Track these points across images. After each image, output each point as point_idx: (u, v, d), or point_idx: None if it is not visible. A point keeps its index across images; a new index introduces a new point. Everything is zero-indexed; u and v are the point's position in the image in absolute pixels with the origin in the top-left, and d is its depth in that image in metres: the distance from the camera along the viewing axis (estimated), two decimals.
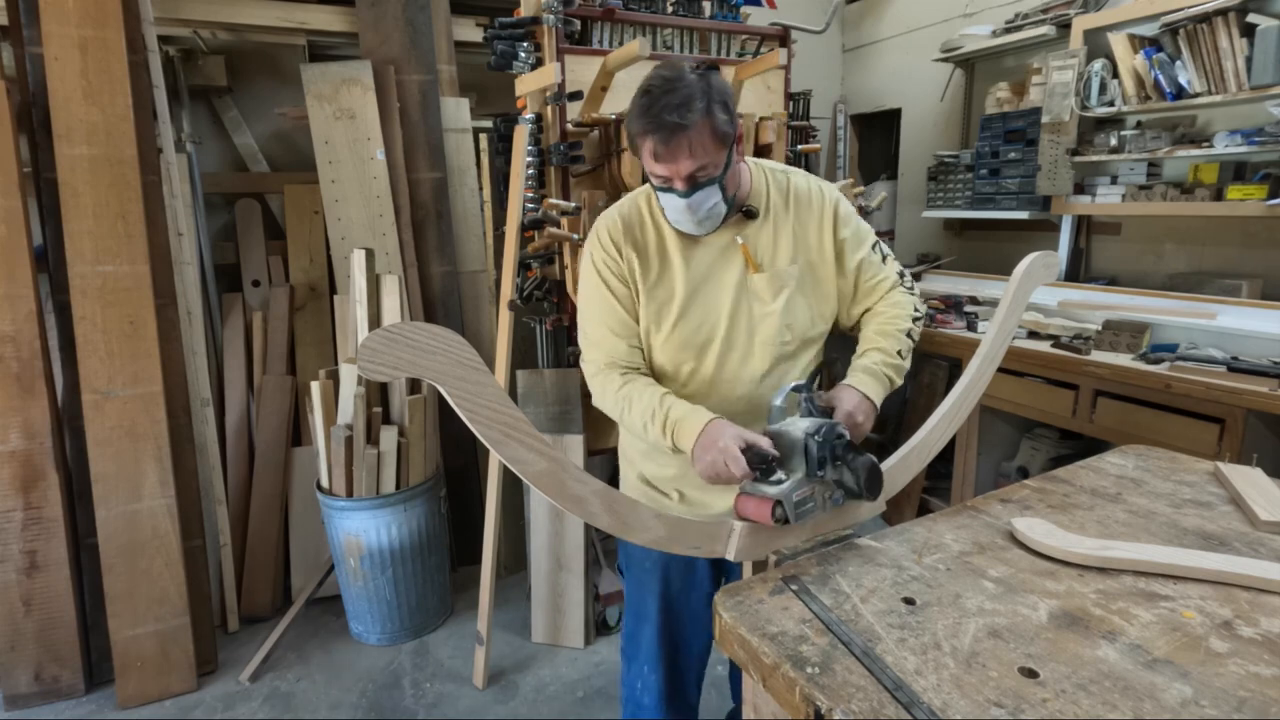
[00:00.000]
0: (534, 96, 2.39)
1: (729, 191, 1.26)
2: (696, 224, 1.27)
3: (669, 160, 1.19)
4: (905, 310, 1.36)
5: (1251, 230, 2.78)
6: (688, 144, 1.16)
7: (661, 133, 1.16)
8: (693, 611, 1.57)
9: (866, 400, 1.26)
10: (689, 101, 1.15)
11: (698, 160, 1.18)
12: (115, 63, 2.23)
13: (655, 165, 1.21)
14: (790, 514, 1.04)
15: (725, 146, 1.20)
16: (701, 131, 1.16)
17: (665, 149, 1.17)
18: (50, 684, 2.29)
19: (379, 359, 0.78)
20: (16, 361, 2.19)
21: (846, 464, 1.10)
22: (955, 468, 3.01)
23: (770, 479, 1.08)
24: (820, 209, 1.36)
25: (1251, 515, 1.03)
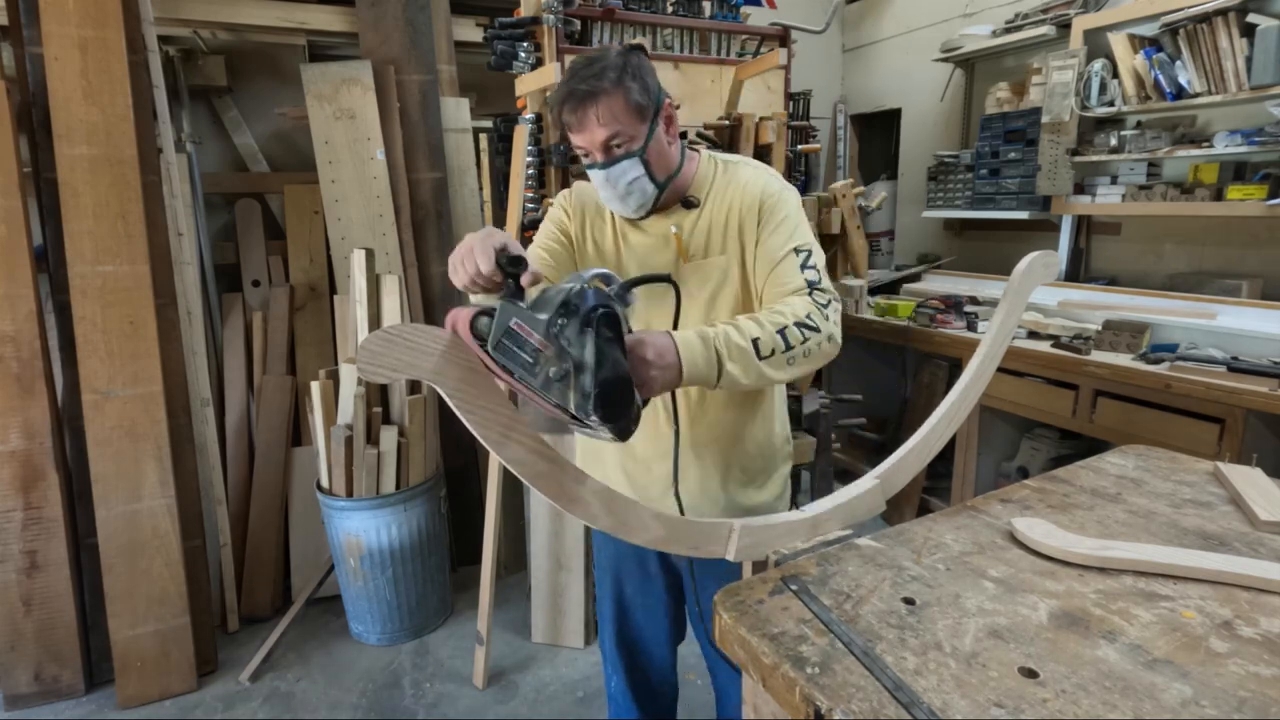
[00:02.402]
0: (534, 96, 2.39)
1: (655, 170, 1.24)
2: (620, 200, 1.26)
3: (580, 129, 1.19)
4: (793, 310, 1.16)
5: (1251, 230, 2.78)
6: (595, 110, 1.16)
7: (572, 100, 1.17)
8: (648, 611, 1.58)
9: (672, 350, 1.04)
10: (602, 71, 1.17)
11: (608, 128, 1.17)
12: (115, 63, 2.23)
13: (573, 136, 1.21)
14: (493, 337, 0.84)
15: (643, 120, 1.20)
16: (613, 98, 1.16)
17: (575, 117, 1.18)
18: (50, 684, 2.29)
19: (378, 360, 0.78)
20: (16, 361, 2.19)
21: (597, 341, 0.87)
22: (955, 468, 3.01)
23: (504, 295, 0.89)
24: (753, 203, 1.30)
25: (1251, 515, 1.03)
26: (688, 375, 1.06)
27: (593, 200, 1.38)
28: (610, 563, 1.58)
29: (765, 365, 1.11)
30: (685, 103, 2.53)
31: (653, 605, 1.58)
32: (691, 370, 1.06)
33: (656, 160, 1.24)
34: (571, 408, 0.88)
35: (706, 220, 1.31)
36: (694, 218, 1.32)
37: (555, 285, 0.92)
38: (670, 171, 1.28)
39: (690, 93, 2.56)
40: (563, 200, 1.41)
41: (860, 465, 3.48)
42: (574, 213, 1.39)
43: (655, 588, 1.56)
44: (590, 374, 0.87)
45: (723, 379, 1.09)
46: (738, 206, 1.30)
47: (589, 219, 1.38)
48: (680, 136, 1.41)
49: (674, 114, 1.28)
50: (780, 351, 1.12)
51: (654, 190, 1.26)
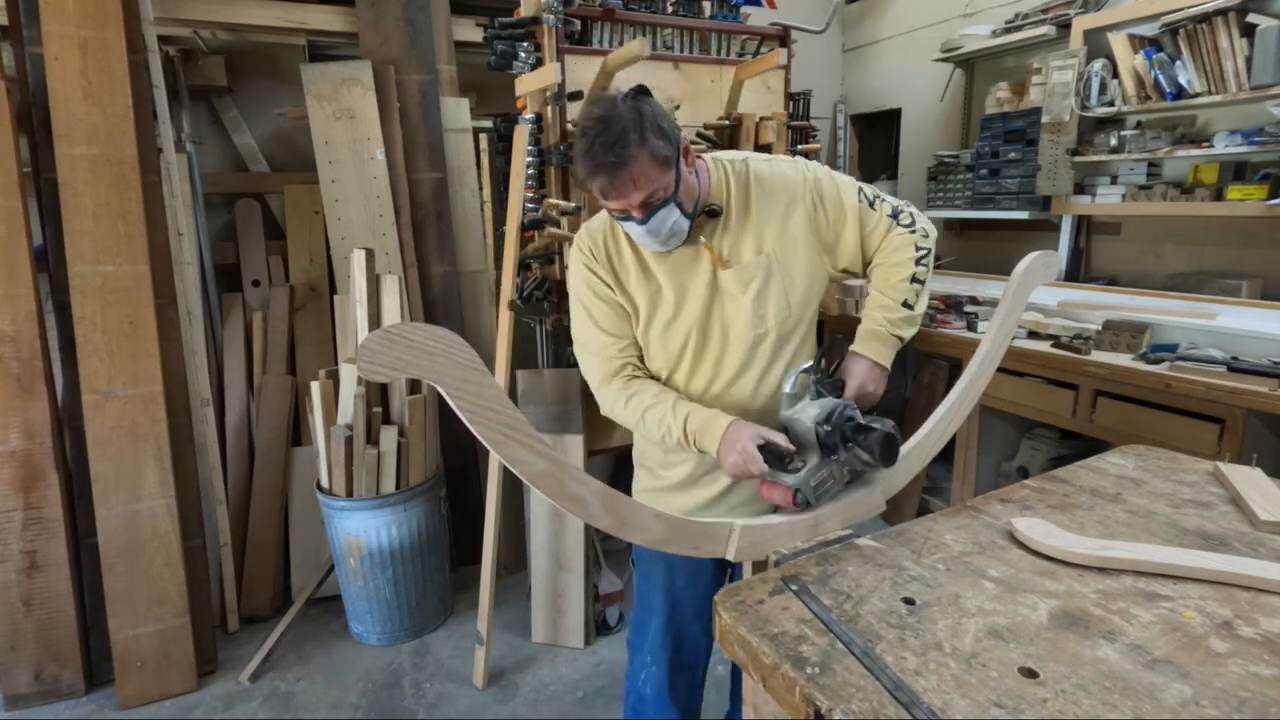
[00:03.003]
0: (534, 96, 2.39)
1: (686, 205, 1.29)
2: (662, 243, 1.31)
3: (617, 196, 1.22)
4: (905, 254, 1.36)
5: (1251, 230, 2.78)
6: (629, 178, 1.19)
7: (603, 173, 1.19)
8: (697, 608, 1.58)
9: (876, 366, 1.32)
10: (623, 137, 1.17)
11: (643, 190, 1.21)
12: (115, 63, 2.23)
13: (608, 202, 1.25)
14: (810, 497, 1.14)
15: (669, 168, 1.23)
16: (641, 162, 1.19)
17: (611, 188, 1.21)
18: (50, 684, 2.29)
19: (379, 360, 0.78)
20: (16, 361, 2.19)
21: (859, 443, 1.16)
22: (955, 468, 3.01)
23: (790, 467, 1.15)
24: (790, 194, 1.36)
25: (1251, 515, 1.03)
26: (888, 366, 1.34)
27: (602, 237, 1.40)
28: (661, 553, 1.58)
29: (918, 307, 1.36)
30: (685, 103, 2.53)
31: (701, 598, 1.58)
32: (889, 361, 1.34)
33: (686, 196, 1.29)
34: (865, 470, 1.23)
35: (734, 224, 1.35)
36: (719, 226, 1.36)
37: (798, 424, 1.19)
38: (697, 198, 1.32)
39: (690, 93, 2.56)
40: (582, 263, 1.40)
41: None
42: (602, 269, 1.39)
43: (704, 579, 1.57)
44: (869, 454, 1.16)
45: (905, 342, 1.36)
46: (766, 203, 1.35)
47: (612, 262, 1.40)
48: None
49: (689, 144, 1.32)
50: (920, 291, 1.36)
51: (688, 223, 1.30)
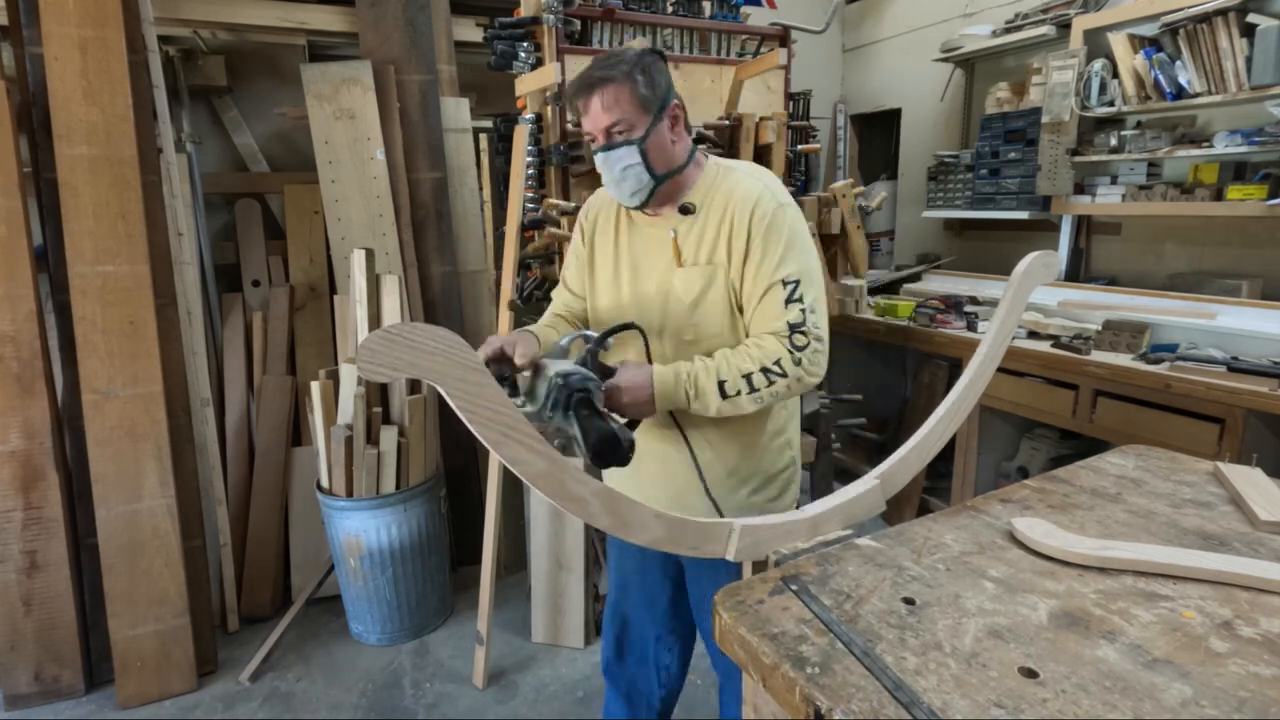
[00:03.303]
0: (534, 96, 2.39)
1: (654, 162, 1.29)
2: (616, 185, 1.31)
3: (585, 112, 1.27)
4: (763, 354, 1.26)
5: (1251, 230, 2.78)
6: (601, 96, 1.24)
7: (584, 84, 1.26)
8: (645, 595, 1.63)
9: (647, 387, 1.24)
10: (615, 63, 1.25)
11: (610, 114, 1.25)
12: (115, 63, 2.23)
13: (583, 121, 1.29)
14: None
15: (646, 113, 1.26)
16: (620, 87, 1.24)
17: (582, 101, 1.27)
18: (50, 684, 2.29)
19: (379, 360, 0.78)
20: (16, 361, 2.19)
21: (580, 420, 1.12)
22: (955, 468, 3.01)
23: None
24: (744, 216, 1.29)
25: (1251, 515, 1.03)
26: (660, 408, 1.26)
27: (598, 208, 1.48)
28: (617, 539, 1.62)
29: (727, 404, 1.26)
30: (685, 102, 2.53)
31: (649, 587, 1.62)
32: (664, 405, 1.26)
33: (655, 153, 1.29)
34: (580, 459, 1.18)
35: (701, 227, 1.34)
36: (689, 223, 1.35)
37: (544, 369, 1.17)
38: (671, 168, 1.32)
39: (690, 93, 2.56)
40: (581, 214, 1.53)
41: (860, 465, 3.48)
42: (586, 225, 1.50)
43: (653, 573, 1.61)
44: (580, 443, 1.12)
45: (692, 408, 1.27)
46: (729, 216, 1.30)
47: (597, 227, 1.47)
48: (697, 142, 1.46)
49: (682, 115, 1.34)
50: (745, 393, 1.26)
51: (650, 180, 1.30)
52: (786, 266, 1.28)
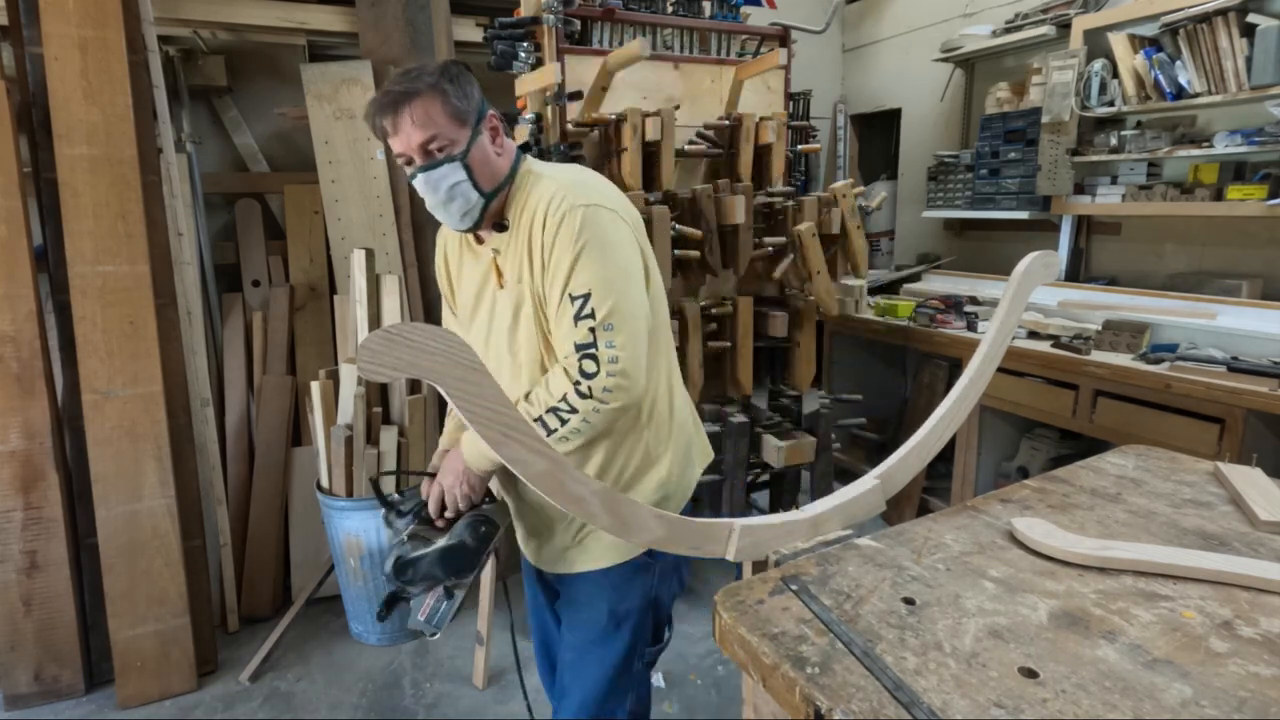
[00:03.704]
0: (534, 96, 2.39)
1: (480, 179, 1.19)
2: (444, 207, 1.20)
3: (396, 132, 1.15)
4: (549, 394, 1.18)
5: (1251, 230, 2.78)
6: (410, 112, 1.13)
7: (388, 100, 1.14)
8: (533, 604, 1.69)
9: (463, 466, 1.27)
10: (418, 76, 1.15)
11: (425, 129, 1.14)
12: (115, 63, 2.23)
13: (392, 143, 1.18)
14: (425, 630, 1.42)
15: (463, 126, 1.17)
16: (430, 100, 1.14)
17: (390, 120, 1.15)
18: (50, 684, 2.29)
19: (379, 360, 0.78)
20: (16, 361, 2.19)
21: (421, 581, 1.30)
22: (955, 468, 3.01)
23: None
24: (541, 224, 1.18)
25: (1251, 515, 1.03)
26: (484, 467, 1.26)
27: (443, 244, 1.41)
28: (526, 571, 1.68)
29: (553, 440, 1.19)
30: (685, 103, 2.53)
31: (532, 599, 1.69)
32: (479, 468, 1.26)
33: (480, 168, 1.19)
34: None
35: (514, 243, 1.24)
36: (506, 241, 1.25)
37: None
38: (497, 183, 1.22)
39: (690, 93, 2.56)
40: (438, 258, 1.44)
41: (860, 465, 3.48)
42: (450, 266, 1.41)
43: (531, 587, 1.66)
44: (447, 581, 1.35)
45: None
46: (528, 226, 1.21)
47: (450, 262, 1.41)
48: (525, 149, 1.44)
49: (501, 127, 1.25)
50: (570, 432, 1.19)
51: (479, 199, 1.20)
52: (577, 277, 1.15)
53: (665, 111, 2.27)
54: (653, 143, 2.30)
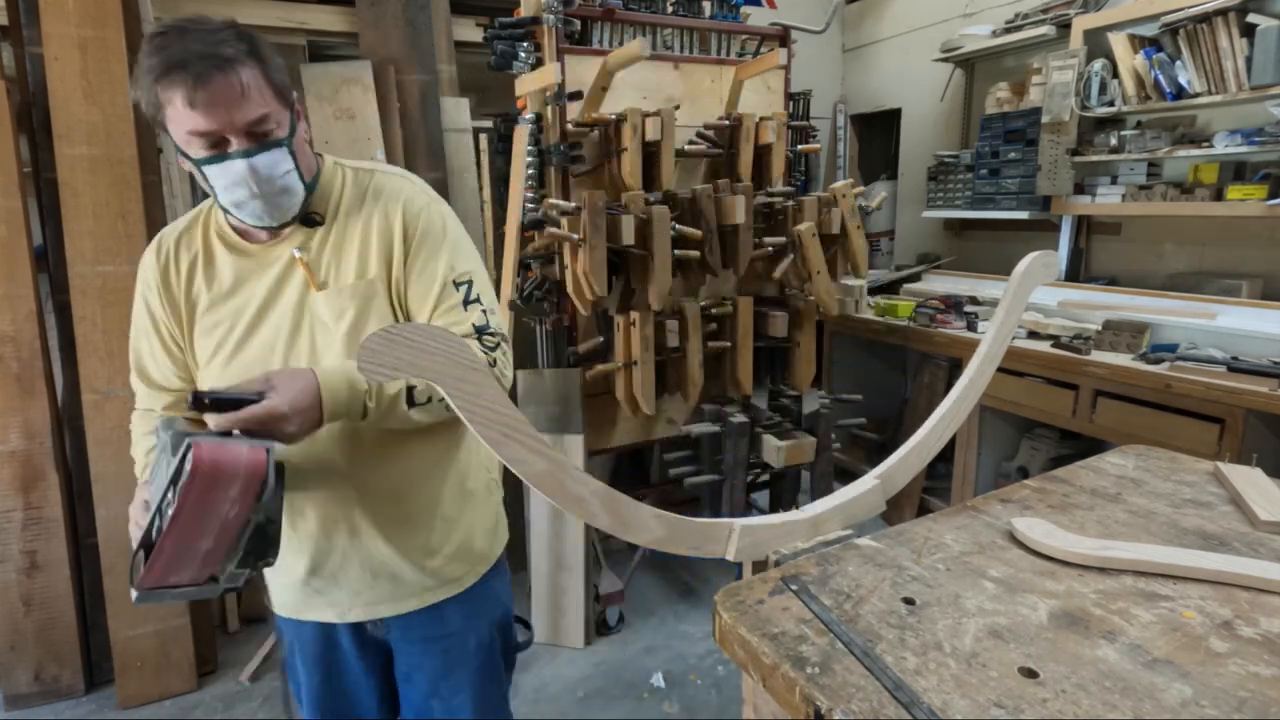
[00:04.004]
0: (534, 96, 2.39)
1: (303, 170, 1.04)
2: (267, 201, 1.01)
3: (213, 106, 0.91)
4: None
5: (1251, 230, 2.78)
6: (238, 83, 0.92)
7: (195, 68, 0.89)
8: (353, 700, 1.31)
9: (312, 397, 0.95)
10: (226, 38, 0.92)
11: (256, 108, 0.94)
12: (115, 63, 2.23)
13: (195, 116, 0.92)
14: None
15: (286, 105, 1.00)
16: (253, 70, 0.94)
17: (206, 91, 0.90)
18: (50, 684, 2.29)
19: (379, 360, 0.78)
20: (16, 361, 2.19)
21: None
22: (955, 468, 3.01)
23: None
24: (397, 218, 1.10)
25: (1251, 515, 1.03)
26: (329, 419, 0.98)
27: (168, 255, 1.11)
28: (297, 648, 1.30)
29: (417, 412, 1.04)
30: (685, 103, 2.53)
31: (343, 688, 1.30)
32: (333, 416, 0.98)
33: (302, 156, 1.05)
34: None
35: (338, 239, 1.10)
36: (319, 236, 1.10)
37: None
38: (314, 174, 1.09)
39: (690, 93, 2.56)
40: (148, 274, 1.12)
41: (860, 465, 3.48)
42: (175, 283, 1.11)
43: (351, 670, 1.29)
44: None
45: (367, 420, 1.02)
46: (378, 220, 1.11)
47: (185, 278, 1.11)
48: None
49: (304, 112, 1.11)
50: (436, 399, 1.04)
51: (303, 191, 1.06)
52: (458, 266, 1.11)
53: (665, 111, 2.27)
54: (653, 143, 2.30)
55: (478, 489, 1.29)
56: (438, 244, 1.12)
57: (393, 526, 1.17)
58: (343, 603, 1.20)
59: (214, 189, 1.01)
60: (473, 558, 1.27)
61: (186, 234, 1.12)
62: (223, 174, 0.98)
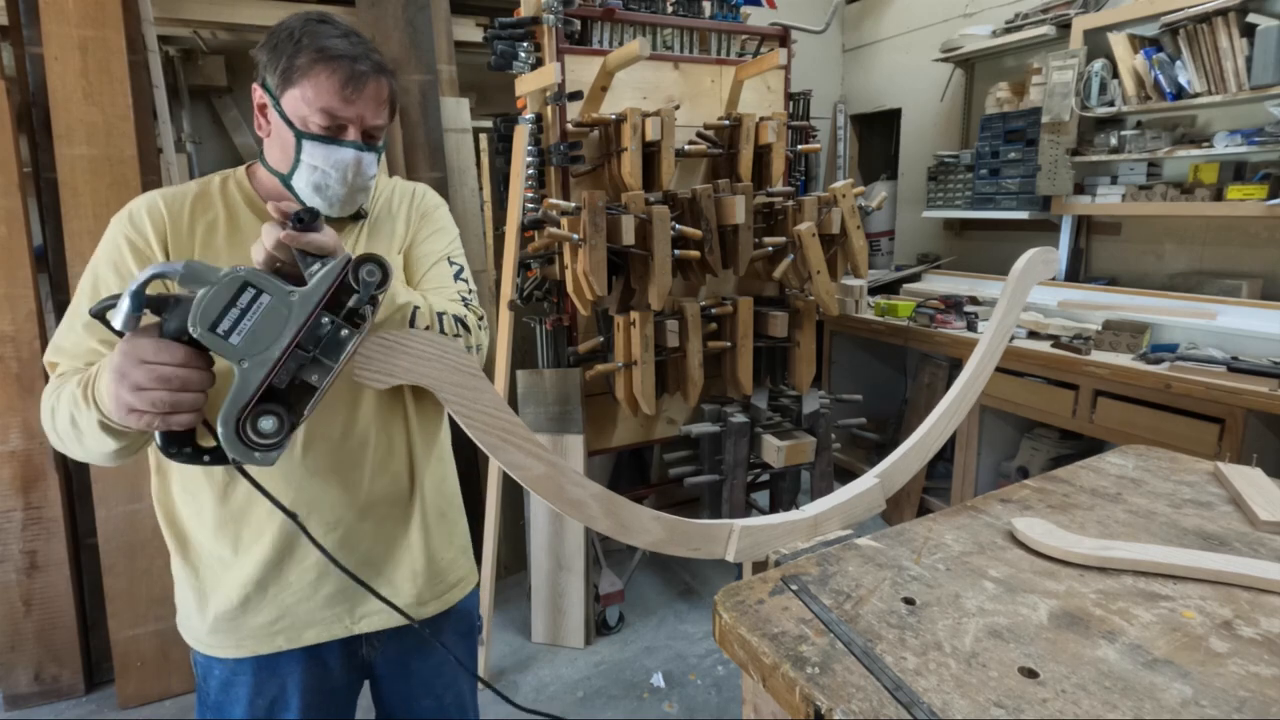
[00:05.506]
0: (534, 96, 2.39)
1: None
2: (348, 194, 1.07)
3: (358, 99, 1.01)
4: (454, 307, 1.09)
5: (1251, 230, 2.79)
6: (383, 91, 1.04)
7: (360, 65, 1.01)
8: None
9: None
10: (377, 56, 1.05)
11: (381, 115, 1.06)
12: (115, 63, 2.23)
13: (338, 101, 1.00)
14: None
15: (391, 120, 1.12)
16: (390, 89, 1.07)
17: (358, 85, 1.00)
18: (50, 684, 2.29)
19: (375, 366, 0.78)
20: (16, 361, 2.19)
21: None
22: (955, 467, 3.01)
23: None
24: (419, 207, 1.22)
25: (1251, 515, 1.03)
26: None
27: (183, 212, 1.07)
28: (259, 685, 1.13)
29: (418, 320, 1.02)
30: (685, 103, 2.53)
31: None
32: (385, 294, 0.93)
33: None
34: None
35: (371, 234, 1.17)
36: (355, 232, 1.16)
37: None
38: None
39: (690, 93, 2.56)
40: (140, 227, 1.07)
41: (860, 465, 3.48)
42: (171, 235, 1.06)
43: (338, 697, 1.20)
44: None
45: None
46: (405, 212, 1.21)
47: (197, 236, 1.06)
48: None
49: None
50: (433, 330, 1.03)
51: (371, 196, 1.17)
52: (453, 250, 1.22)
53: (665, 111, 2.27)
54: (653, 143, 2.30)
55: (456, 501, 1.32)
56: (445, 229, 1.24)
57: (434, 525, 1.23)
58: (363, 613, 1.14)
59: (299, 163, 1.03)
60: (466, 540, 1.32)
61: (199, 199, 1.09)
62: (326, 155, 1.03)
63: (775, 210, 2.57)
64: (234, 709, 1.13)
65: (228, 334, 0.69)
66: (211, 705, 1.14)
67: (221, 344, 0.69)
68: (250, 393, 0.69)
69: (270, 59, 1.02)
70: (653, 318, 2.34)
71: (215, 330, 0.68)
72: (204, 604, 1.10)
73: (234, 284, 0.69)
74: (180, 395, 0.72)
